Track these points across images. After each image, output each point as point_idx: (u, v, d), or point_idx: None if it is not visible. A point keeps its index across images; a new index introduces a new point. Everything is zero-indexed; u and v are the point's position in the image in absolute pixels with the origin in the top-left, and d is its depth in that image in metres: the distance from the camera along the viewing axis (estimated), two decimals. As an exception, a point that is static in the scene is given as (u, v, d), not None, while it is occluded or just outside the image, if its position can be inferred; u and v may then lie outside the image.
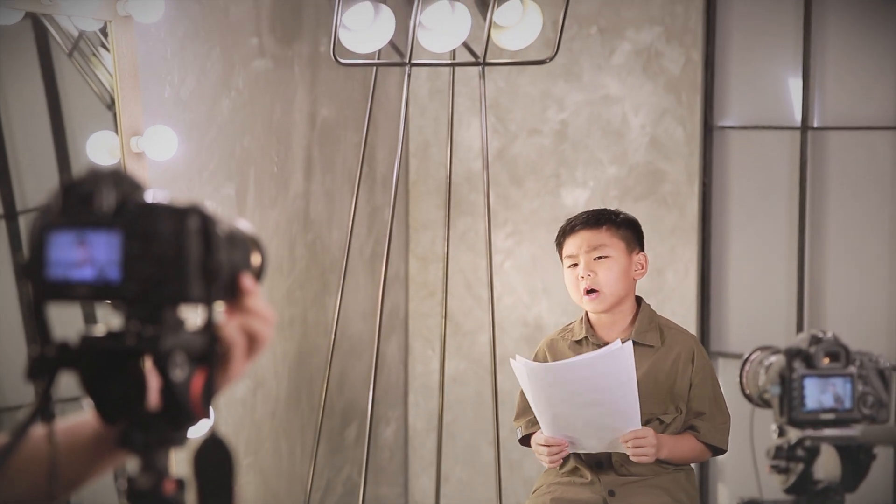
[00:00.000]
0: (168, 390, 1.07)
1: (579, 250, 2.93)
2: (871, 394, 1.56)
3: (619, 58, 4.12)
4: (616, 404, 2.77)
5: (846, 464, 1.55)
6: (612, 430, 2.81)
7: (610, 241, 2.93)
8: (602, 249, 2.92)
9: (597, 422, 2.81)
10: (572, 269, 2.95)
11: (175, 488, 1.08)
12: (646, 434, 2.79)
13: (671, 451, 2.86)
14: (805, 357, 1.55)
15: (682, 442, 2.89)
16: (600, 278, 2.91)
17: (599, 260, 2.92)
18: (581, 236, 2.95)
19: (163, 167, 3.23)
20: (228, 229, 1.10)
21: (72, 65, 3.11)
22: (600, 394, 2.76)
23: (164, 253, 1.04)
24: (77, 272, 1.04)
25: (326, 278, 4.00)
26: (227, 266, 1.09)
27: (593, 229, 2.94)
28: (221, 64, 3.52)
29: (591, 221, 2.96)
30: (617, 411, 2.78)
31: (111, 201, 1.05)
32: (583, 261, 2.92)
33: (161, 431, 1.08)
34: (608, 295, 2.92)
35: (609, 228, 2.95)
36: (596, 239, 2.93)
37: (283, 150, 3.81)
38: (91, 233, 1.04)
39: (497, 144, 4.25)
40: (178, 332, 1.07)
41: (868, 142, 3.95)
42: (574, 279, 2.95)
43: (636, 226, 3.00)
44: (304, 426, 3.93)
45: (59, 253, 1.05)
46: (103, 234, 1.04)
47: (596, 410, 2.79)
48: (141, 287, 1.04)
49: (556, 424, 2.84)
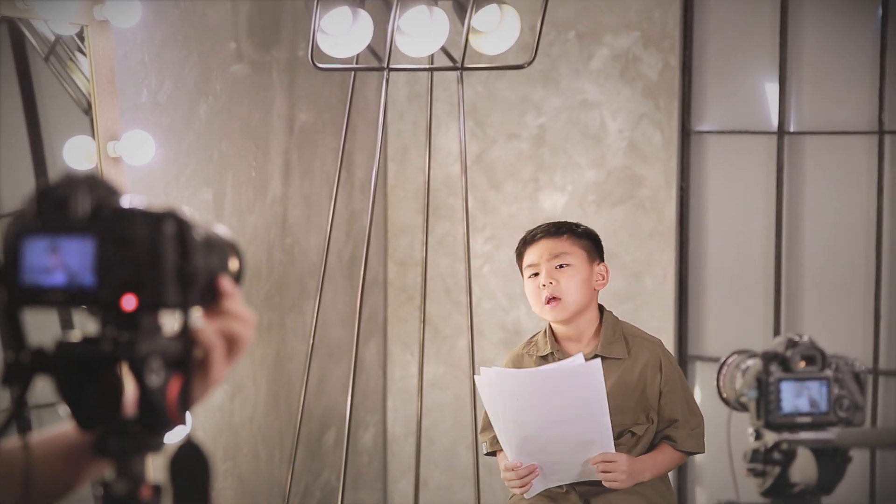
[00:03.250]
0: (144, 396, 1.06)
1: (540, 259, 2.92)
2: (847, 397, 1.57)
3: (597, 63, 4.13)
4: (586, 423, 2.74)
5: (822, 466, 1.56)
6: (585, 451, 2.78)
7: (571, 249, 2.93)
8: (563, 258, 2.91)
9: (568, 441, 2.78)
10: (533, 279, 2.93)
11: (151, 494, 1.08)
12: (616, 458, 2.77)
13: (654, 471, 2.86)
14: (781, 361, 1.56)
15: (662, 458, 2.88)
16: (562, 286, 2.89)
17: (561, 269, 2.90)
18: (542, 245, 2.94)
19: (140, 172, 3.22)
20: (205, 234, 1.10)
21: (48, 69, 3.09)
22: (569, 410, 2.73)
23: (140, 258, 1.04)
24: (51, 278, 1.04)
25: (304, 283, 4.00)
26: (203, 271, 1.09)
27: (554, 238, 2.94)
28: (199, 69, 3.51)
29: (551, 231, 2.96)
30: (587, 431, 2.75)
31: (86, 206, 1.04)
32: (544, 269, 2.91)
33: (137, 437, 1.08)
34: (569, 303, 2.90)
35: (570, 237, 2.94)
36: (557, 247, 2.92)
37: (261, 155, 3.80)
38: (65, 238, 1.04)
39: (475, 149, 4.25)
40: (155, 338, 1.07)
41: (844, 146, 3.97)
42: (535, 289, 2.92)
43: (596, 238, 3.00)
44: (282, 431, 3.92)
45: (34, 258, 1.04)
46: (77, 240, 1.04)
47: (565, 429, 2.75)
48: (116, 292, 1.04)
49: (526, 448, 2.80)
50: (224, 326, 1.14)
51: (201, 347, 1.12)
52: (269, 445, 3.87)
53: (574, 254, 2.92)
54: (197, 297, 1.09)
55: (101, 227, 1.04)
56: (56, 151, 3.09)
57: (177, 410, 1.07)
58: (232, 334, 1.15)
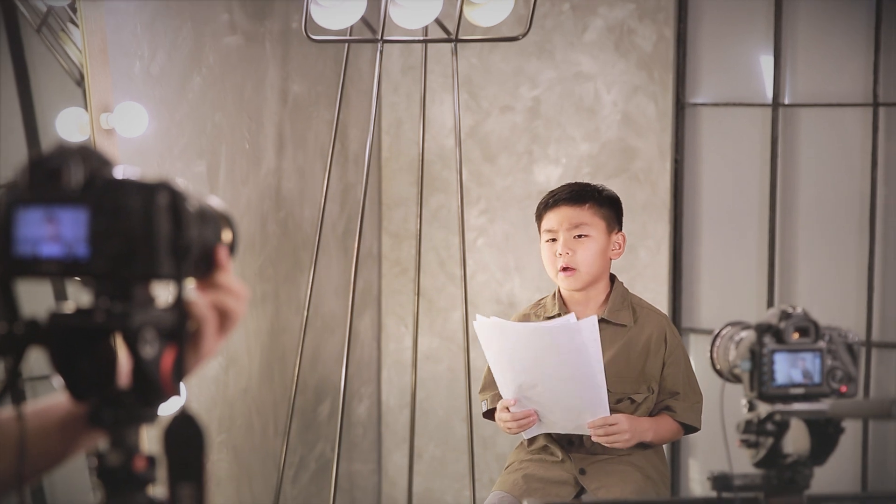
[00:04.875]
0: (138, 367, 1.06)
1: (560, 227, 2.91)
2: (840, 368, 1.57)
3: (591, 35, 4.12)
4: (582, 382, 2.75)
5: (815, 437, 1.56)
6: (579, 410, 2.79)
7: (591, 219, 2.91)
8: (582, 228, 2.90)
9: (563, 399, 2.79)
10: (550, 243, 2.93)
11: (145, 465, 1.08)
12: (616, 421, 2.79)
13: (656, 433, 2.87)
14: (775, 332, 1.56)
15: (662, 423, 2.89)
16: (578, 257, 2.89)
17: (579, 238, 2.90)
18: (563, 212, 2.92)
19: (133, 144, 3.21)
20: (199, 205, 1.10)
21: (40, 41, 3.08)
22: (564, 368, 2.74)
23: (133, 229, 1.04)
24: (45, 248, 1.04)
25: (299, 255, 3.99)
26: (197, 242, 1.09)
27: (576, 206, 2.91)
28: (192, 40, 3.49)
29: (574, 198, 2.92)
30: (583, 389, 2.75)
31: (79, 177, 1.04)
32: (562, 238, 2.90)
33: (131, 408, 1.08)
34: (584, 274, 2.91)
35: (591, 206, 2.92)
36: (577, 217, 2.90)
37: (255, 127, 3.79)
38: (59, 209, 1.04)
39: (470, 121, 4.24)
40: (148, 309, 1.07)
41: (838, 118, 3.97)
42: (551, 255, 2.93)
43: (618, 204, 2.98)
44: (276, 403, 3.93)
45: (27, 229, 1.04)
46: (71, 211, 1.03)
47: (561, 386, 2.77)
48: (110, 263, 1.04)
49: (523, 394, 2.81)
50: (216, 300, 1.14)
51: (194, 320, 1.12)
52: (264, 417, 3.88)
53: (593, 224, 2.91)
54: (190, 268, 1.09)
55: (94, 198, 1.04)
56: (49, 123, 3.08)
57: (171, 382, 1.07)
58: (224, 307, 1.15)
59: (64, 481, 3.02)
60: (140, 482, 1.08)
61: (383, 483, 4.45)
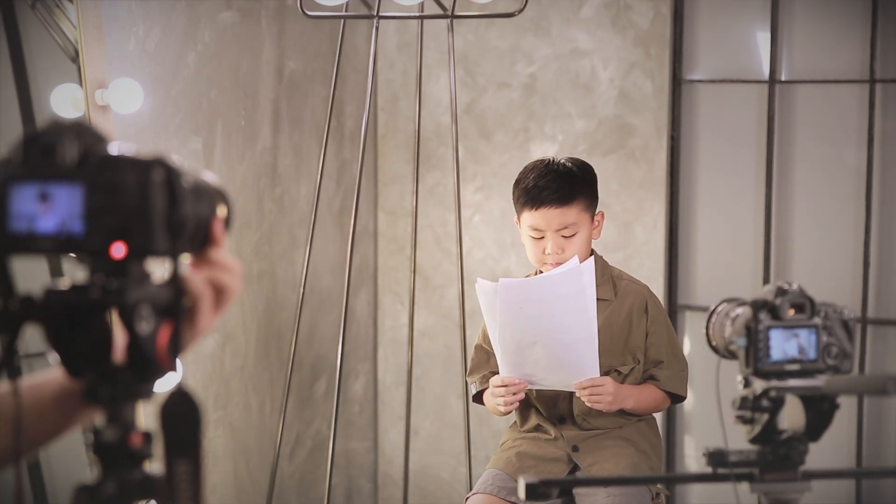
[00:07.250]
0: (134, 343, 1.06)
1: (548, 228, 2.86)
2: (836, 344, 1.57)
3: (587, 11, 4.11)
4: (578, 334, 2.73)
5: (810, 413, 1.57)
6: (570, 367, 2.78)
7: (579, 216, 2.86)
8: (572, 228, 2.86)
9: (558, 354, 2.77)
10: (536, 240, 2.88)
11: (142, 441, 1.08)
12: (603, 382, 2.79)
13: (637, 401, 2.87)
14: (771, 309, 1.56)
15: (645, 391, 2.90)
16: (568, 253, 2.85)
17: (568, 238, 2.87)
18: (550, 214, 2.85)
19: (128, 121, 3.20)
20: (194, 181, 1.10)
21: (35, 16, 3.06)
22: (567, 317, 2.72)
23: (128, 205, 1.04)
24: (40, 225, 1.03)
25: (294, 232, 3.99)
26: (192, 218, 1.09)
27: (563, 207, 2.85)
28: (187, 16, 3.48)
29: (562, 198, 2.84)
30: (578, 342, 2.74)
31: (73, 153, 1.04)
32: (551, 239, 2.86)
33: (127, 385, 1.08)
34: None
35: (578, 202, 2.86)
36: (566, 218, 2.85)
37: (251, 104, 3.78)
38: (53, 185, 1.03)
39: (466, 98, 4.24)
40: (144, 285, 1.07)
41: (835, 95, 3.96)
42: (538, 251, 2.88)
43: (593, 180, 2.91)
44: (273, 380, 3.93)
45: (22, 205, 1.04)
46: (65, 187, 1.03)
47: (558, 339, 2.75)
48: (105, 240, 1.03)
49: (519, 358, 2.80)
50: (212, 276, 1.14)
51: (190, 296, 1.12)
52: (260, 394, 3.89)
53: (581, 220, 2.86)
54: (186, 244, 1.09)
55: (89, 175, 1.04)
56: (43, 99, 3.07)
57: (167, 358, 1.07)
58: (219, 284, 1.15)
59: (60, 457, 3.03)
60: (136, 458, 1.08)
61: (379, 460, 4.46)
